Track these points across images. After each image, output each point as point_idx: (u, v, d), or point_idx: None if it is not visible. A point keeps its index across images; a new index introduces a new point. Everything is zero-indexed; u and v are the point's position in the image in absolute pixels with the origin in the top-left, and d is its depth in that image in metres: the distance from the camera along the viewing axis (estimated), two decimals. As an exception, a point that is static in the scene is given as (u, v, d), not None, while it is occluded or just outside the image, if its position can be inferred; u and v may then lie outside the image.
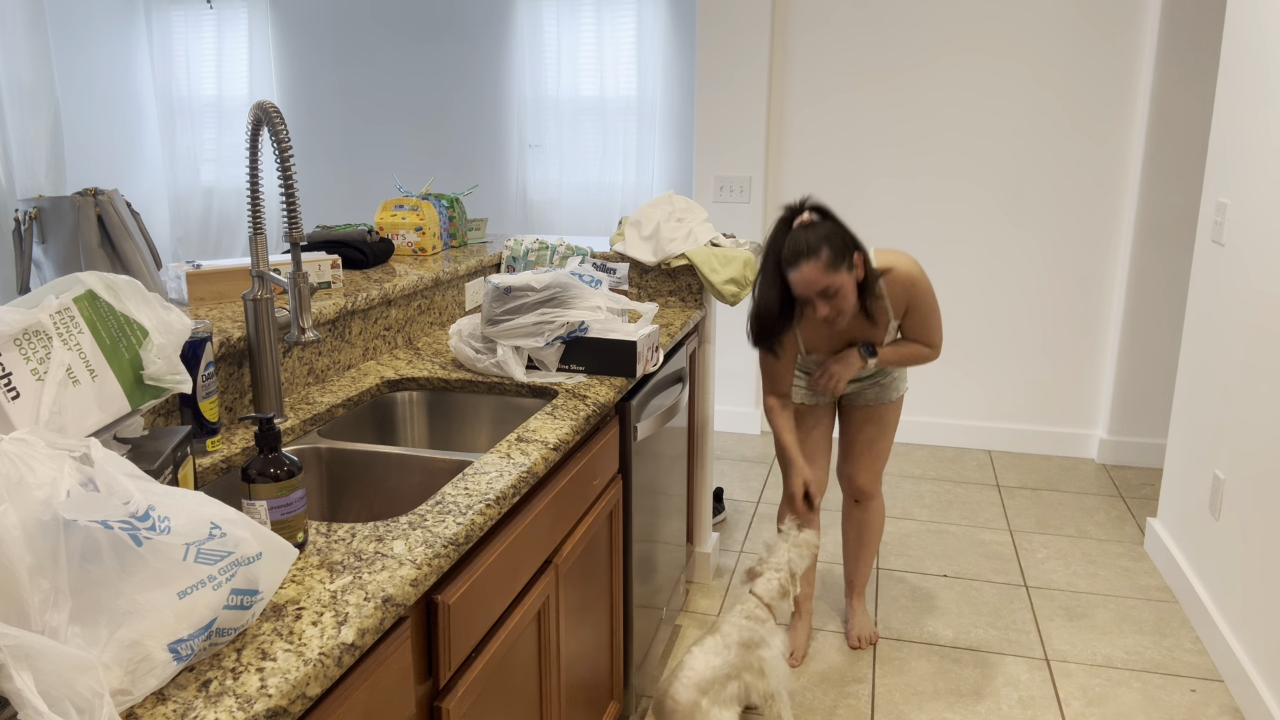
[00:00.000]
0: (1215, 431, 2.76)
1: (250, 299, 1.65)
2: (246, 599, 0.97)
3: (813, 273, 2.08)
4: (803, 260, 2.07)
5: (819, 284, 2.09)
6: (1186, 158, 3.79)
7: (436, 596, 1.25)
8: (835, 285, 2.10)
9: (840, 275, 2.09)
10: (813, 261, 2.07)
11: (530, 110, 5.14)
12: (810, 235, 2.08)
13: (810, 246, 2.07)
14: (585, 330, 2.01)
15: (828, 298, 2.12)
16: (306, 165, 5.55)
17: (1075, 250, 4.05)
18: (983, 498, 3.76)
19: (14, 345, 1.05)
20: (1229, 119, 2.82)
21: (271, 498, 1.17)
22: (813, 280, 2.09)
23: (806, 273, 2.08)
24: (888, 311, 2.30)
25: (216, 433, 1.56)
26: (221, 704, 0.89)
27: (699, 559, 3.05)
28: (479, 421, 2.05)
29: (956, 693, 2.49)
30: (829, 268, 2.08)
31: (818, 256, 2.07)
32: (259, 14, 5.41)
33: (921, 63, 4.04)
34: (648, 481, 2.27)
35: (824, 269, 2.07)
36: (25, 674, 0.76)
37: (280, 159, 1.50)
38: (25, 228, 2.21)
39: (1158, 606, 2.93)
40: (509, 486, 1.43)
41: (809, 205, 2.14)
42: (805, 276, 2.09)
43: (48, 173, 4.83)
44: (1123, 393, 4.04)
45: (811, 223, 2.10)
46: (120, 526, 0.88)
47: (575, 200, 5.18)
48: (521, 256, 2.76)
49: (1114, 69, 3.87)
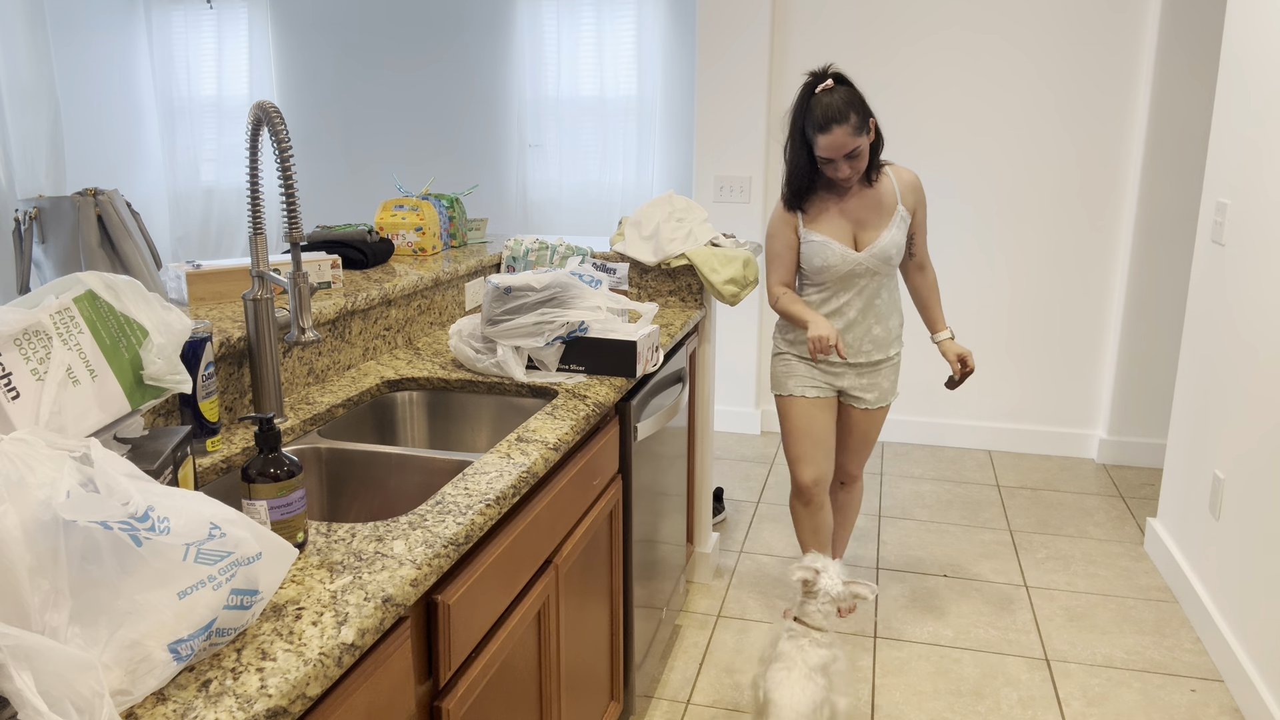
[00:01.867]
0: (1215, 431, 2.76)
1: (250, 299, 1.65)
2: (246, 599, 0.97)
3: (843, 136, 2.27)
4: (835, 125, 2.26)
5: (847, 146, 2.28)
6: (1186, 158, 3.79)
7: (436, 596, 1.25)
8: (859, 148, 2.30)
9: (863, 138, 2.30)
10: (844, 126, 2.26)
11: (530, 110, 5.13)
12: (837, 100, 2.26)
13: (840, 112, 2.26)
14: (585, 330, 2.01)
15: (851, 159, 2.32)
16: (306, 165, 5.55)
17: (1075, 250, 4.05)
18: (983, 498, 3.76)
19: (14, 345, 1.05)
20: (1229, 119, 2.82)
21: (271, 498, 1.17)
22: (842, 143, 2.28)
23: (837, 135, 2.27)
24: (895, 195, 2.46)
25: (216, 433, 1.56)
26: (221, 704, 0.89)
27: (699, 559, 3.05)
28: (479, 421, 2.04)
29: (956, 693, 2.49)
30: (855, 131, 2.27)
31: (848, 121, 2.26)
32: (259, 14, 5.41)
33: (921, 63, 4.04)
34: (648, 481, 2.27)
35: (852, 132, 2.27)
36: (25, 674, 0.76)
37: (280, 159, 1.50)
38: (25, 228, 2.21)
39: (1158, 606, 2.93)
40: (509, 486, 1.43)
41: (831, 72, 2.33)
42: (836, 140, 2.27)
43: (48, 173, 4.83)
44: (1123, 393, 4.04)
45: (834, 88, 2.29)
46: (120, 527, 0.88)
47: (575, 200, 5.18)
48: (521, 256, 2.76)
49: (1114, 69, 3.87)
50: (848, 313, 2.53)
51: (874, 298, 2.52)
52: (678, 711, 2.43)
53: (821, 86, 2.31)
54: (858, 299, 2.52)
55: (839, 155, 2.30)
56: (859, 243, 2.48)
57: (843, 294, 2.52)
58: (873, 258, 2.46)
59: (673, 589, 2.63)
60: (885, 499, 3.75)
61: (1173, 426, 3.15)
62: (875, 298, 2.53)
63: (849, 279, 2.50)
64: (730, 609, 2.91)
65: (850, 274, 2.49)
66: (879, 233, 2.47)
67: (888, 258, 2.48)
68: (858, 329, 2.55)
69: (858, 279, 2.50)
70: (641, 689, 2.31)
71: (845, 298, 2.52)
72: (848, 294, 2.52)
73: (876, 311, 2.54)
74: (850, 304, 2.53)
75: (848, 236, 2.48)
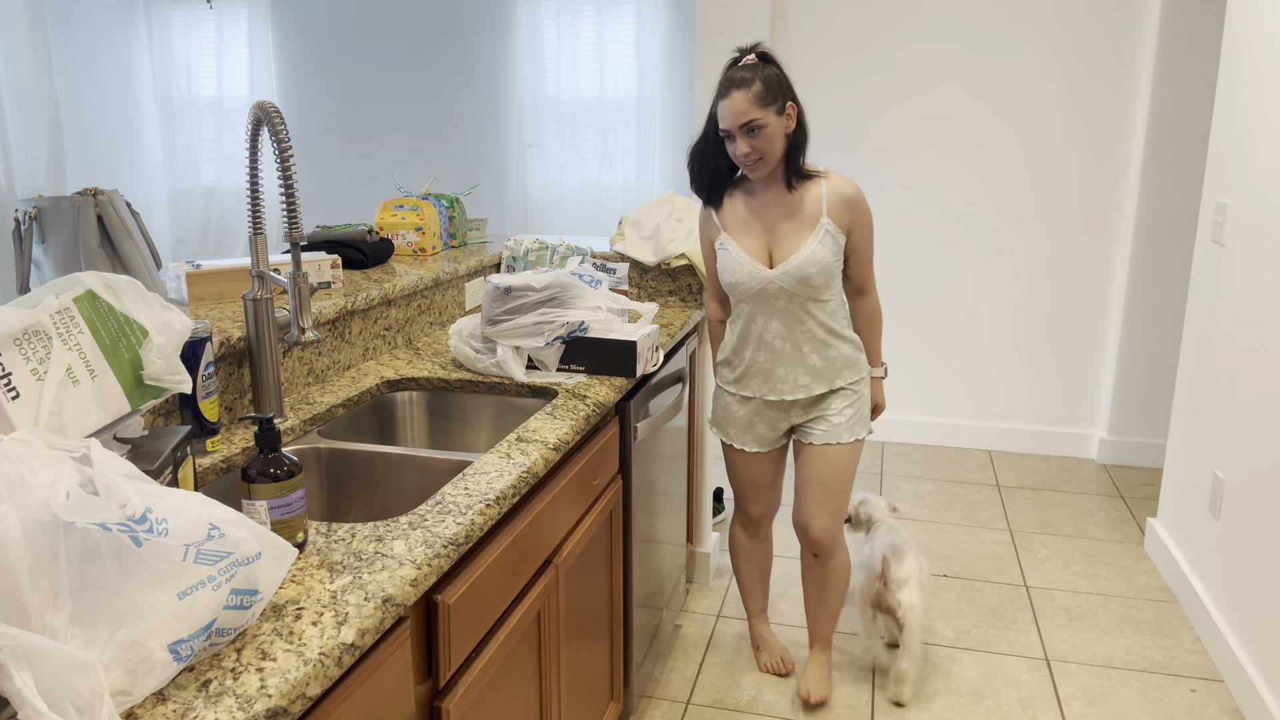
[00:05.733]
0: (1215, 431, 2.76)
1: (250, 299, 1.65)
2: (246, 599, 0.97)
3: (741, 102, 2.00)
4: (734, 88, 2.01)
5: (745, 115, 2.01)
6: (1186, 158, 3.79)
7: (436, 596, 1.25)
8: (761, 122, 2.01)
9: (768, 114, 2.02)
10: (743, 91, 2.00)
11: (530, 110, 5.13)
12: (747, 70, 2.03)
13: (745, 79, 2.01)
14: (585, 330, 2.01)
15: (750, 134, 2.03)
16: (306, 165, 5.55)
17: (1075, 250, 4.05)
18: (983, 498, 3.76)
19: (14, 345, 1.05)
20: (1229, 119, 2.82)
21: (271, 498, 1.17)
22: (740, 110, 2.01)
23: (735, 100, 2.01)
24: (820, 205, 2.13)
25: (216, 433, 1.56)
26: (221, 704, 0.89)
27: (699, 559, 3.05)
28: (479, 421, 2.04)
29: (956, 693, 2.49)
30: (758, 101, 2.00)
31: (749, 88, 2.00)
32: (259, 14, 5.41)
33: (921, 63, 4.04)
34: (648, 481, 2.27)
35: (753, 100, 2.00)
36: (25, 674, 0.76)
37: (280, 159, 1.50)
38: (25, 228, 2.21)
39: (1158, 606, 2.93)
40: (509, 486, 1.43)
41: (758, 49, 2.08)
42: (733, 105, 2.01)
43: (48, 173, 4.83)
44: (1123, 393, 4.04)
45: (755, 64, 2.05)
46: (119, 529, 0.88)
47: (575, 200, 5.18)
48: (521, 256, 2.76)
49: (1114, 69, 3.87)
50: (769, 339, 2.21)
51: (800, 322, 2.19)
52: (678, 711, 2.43)
53: (744, 61, 2.07)
54: (779, 323, 2.19)
55: (735, 126, 2.02)
56: (773, 258, 2.16)
57: (760, 316, 2.20)
58: (786, 276, 2.12)
59: (673, 589, 2.63)
60: (885, 498, 3.75)
61: (1173, 426, 3.15)
62: (803, 323, 2.19)
63: (764, 299, 2.18)
64: (730, 609, 2.91)
65: (764, 293, 2.17)
66: (796, 246, 2.13)
67: (805, 277, 2.12)
68: (786, 359, 2.22)
69: (773, 299, 2.17)
70: (641, 689, 2.31)
71: (763, 321, 2.20)
72: (766, 317, 2.20)
73: (810, 338, 2.20)
74: (770, 329, 2.20)
75: (761, 249, 2.17)
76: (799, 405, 2.27)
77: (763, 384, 2.27)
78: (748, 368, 2.27)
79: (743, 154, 2.06)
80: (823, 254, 2.12)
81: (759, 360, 2.24)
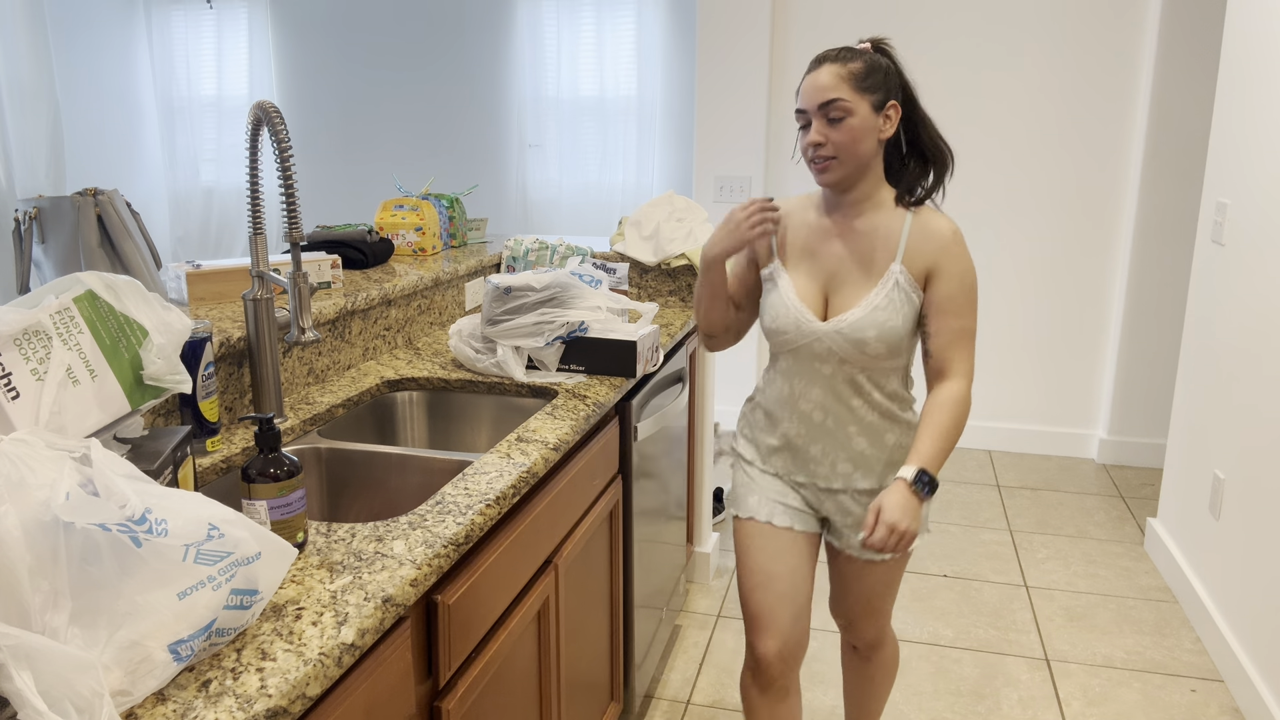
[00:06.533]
0: (1215, 431, 2.76)
1: (250, 299, 1.65)
2: (246, 599, 0.97)
3: (829, 76, 1.57)
4: (826, 61, 1.59)
5: (829, 92, 1.57)
6: (1186, 158, 3.79)
7: (436, 596, 1.25)
8: (848, 107, 1.56)
9: (860, 101, 1.57)
10: (835, 65, 1.58)
11: (530, 110, 5.13)
12: (851, 50, 1.61)
13: (843, 55, 1.60)
14: (585, 330, 2.01)
15: (830, 120, 1.57)
16: (306, 165, 5.55)
17: (1075, 250, 4.05)
18: (983, 498, 3.76)
19: (14, 345, 1.05)
20: (1229, 119, 2.82)
21: (271, 498, 1.17)
22: (824, 85, 1.57)
23: (822, 75, 1.58)
24: (896, 245, 1.62)
25: (216, 433, 1.56)
26: (221, 704, 0.89)
27: (699, 559, 3.05)
28: (479, 421, 2.04)
29: (956, 693, 2.49)
30: (852, 82, 1.57)
31: (845, 64, 1.58)
32: (259, 14, 5.41)
33: (921, 63, 4.04)
34: (648, 481, 2.27)
35: (844, 79, 1.57)
36: (25, 674, 0.76)
37: (280, 159, 1.50)
38: (25, 228, 2.21)
39: (1158, 606, 2.93)
40: (509, 486, 1.43)
41: (875, 40, 1.66)
42: (818, 80, 1.58)
43: (48, 173, 4.83)
44: (1123, 393, 4.04)
45: (865, 49, 1.63)
46: (119, 529, 0.88)
47: (575, 200, 5.18)
48: (521, 256, 2.76)
49: (1114, 70, 3.87)
50: (805, 409, 1.70)
51: (850, 396, 1.67)
52: (678, 711, 2.43)
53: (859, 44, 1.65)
54: (821, 392, 1.68)
55: (814, 105, 1.58)
56: (829, 306, 1.66)
57: (799, 379, 1.69)
58: (839, 335, 1.61)
59: (673, 589, 2.63)
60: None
61: (1173, 426, 3.15)
62: (853, 396, 1.67)
63: (806, 359, 1.67)
64: (730, 609, 2.91)
65: (807, 351, 1.66)
66: (857, 297, 1.62)
67: (860, 342, 1.61)
68: (825, 437, 1.70)
69: (818, 362, 1.66)
70: (641, 689, 2.31)
71: (802, 385, 1.69)
72: (805, 381, 1.69)
73: (858, 417, 1.68)
74: (808, 395, 1.69)
75: (815, 293, 1.66)
76: (837, 498, 1.75)
77: (790, 462, 1.75)
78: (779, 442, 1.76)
79: (811, 141, 1.60)
80: (887, 314, 1.60)
81: (789, 432, 1.74)
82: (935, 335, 1.62)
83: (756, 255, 1.76)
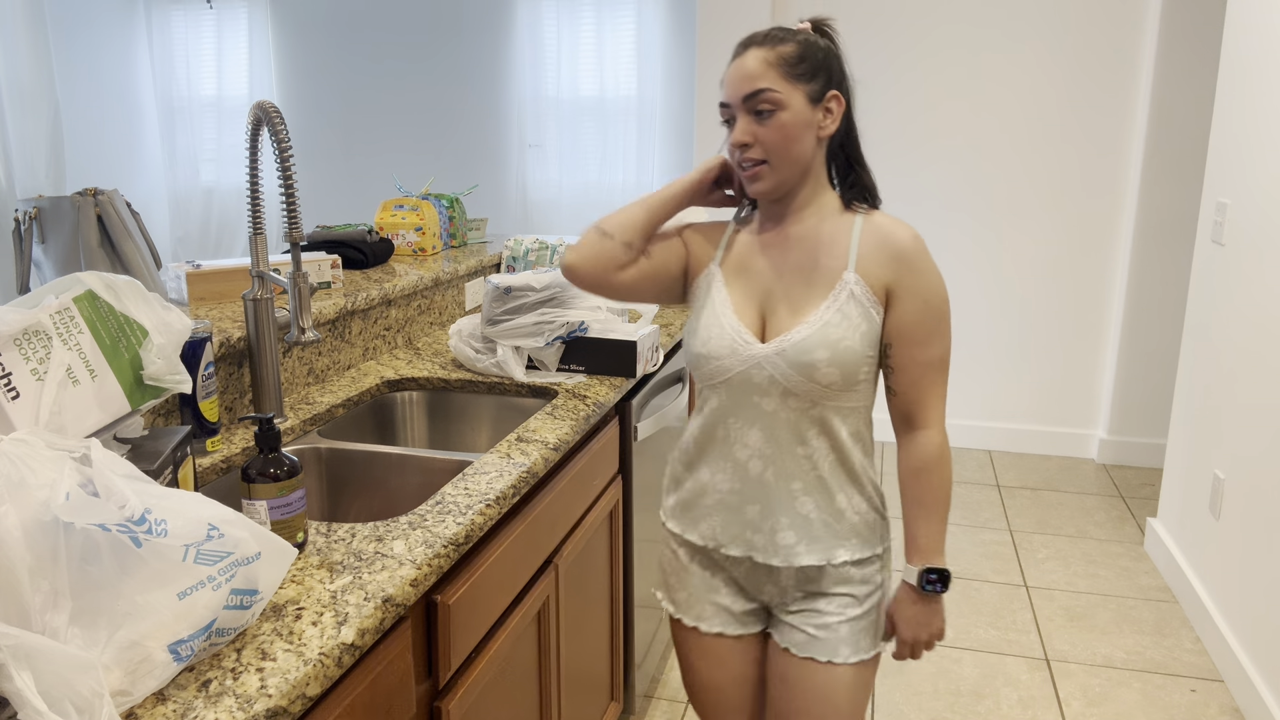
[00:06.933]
0: (1215, 431, 2.76)
1: (250, 299, 1.65)
2: (246, 599, 0.97)
3: (755, 63, 1.29)
4: (753, 45, 1.31)
5: (755, 81, 1.28)
6: (1186, 158, 3.79)
7: (436, 596, 1.25)
8: (777, 99, 1.27)
9: (793, 91, 1.28)
10: (763, 49, 1.29)
11: (530, 110, 5.13)
12: (784, 30, 1.33)
13: (774, 36, 1.31)
14: (585, 330, 2.01)
15: (758, 115, 1.29)
16: (306, 165, 5.55)
17: (1075, 250, 4.05)
18: (983, 498, 3.75)
19: (14, 345, 1.05)
20: (1229, 119, 2.82)
21: (271, 498, 1.17)
22: (750, 73, 1.28)
23: (747, 61, 1.29)
24: (847, 253, 1.33)
25: (216, 433, 1.56)
26: (221, 704, 0.89)
27: (699, 559, 3.05)
28: (479, 421, 2.04)
29: (956, 693, 2.49)
30: (782, 68, 1.28)
31: (774, 47, 1.29)
32: (259, 14, 5.41)
33: (921, 63, 4.04)
34: (648, 481, 2.27)
35: (773, 65, 1.28)
36: (25, 674, 0.76)
37: (280, 159, 1.50)
38: (25, 228, 2.21)
39: (1158, 606, 2.93)
40: (509, 486, 1.43)
41: (816, 20, 1.38)
42: (743, 67, 1.29)
43: (48, 173, 4.83)
44: (1123, 393, 4.04)
45: (802, 29, 1.35)
46: (118, 529, 0.88)
47: (575, 200, 5.18)
48: (521, 256, 2.76)
49: (1114, 69, 3.87)
50: (742, 456, 1.36)
51: (795, 442, 1.34)
52: (678, 711, 2.43)
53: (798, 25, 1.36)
54: (761, 435, 1.34)
55: (737, 98, 1.30)
56: (767, 328, 1.35)
57: (735, 419, 1.36)
58: (782, 359, 1.30)
59: (673, 589, 2.63)
60: (886, 499, 3.75)
61: (1173, 426, 3.15)
62: (799, 442, 1.34)
63: (744, 392, 1.34)
64: (730, 609, 2.91)
65: (745, 383, 1.33)
66: (802, 314, 1.32)
67: (807, 366, 1.29)
68: (763, 494, 1.36)
69: (758, 396, 1.33)
70: (641, 689, 2.31)
71: (738, 427, 1.36)
72: (743, 421, 1.35)
73: (809, 468, 1.34)
74: (745, 440, 1.36)
75: (752, 314, 1.36)
76: (777, 578, 1.39)
77: (720, 528, 1.40)
78: (700, 494, 1.41)
79: (737, 143, 1.31)
80: (842, 331, 1.29)
81: (719, 487, 1.39)
82: (900, 369, 1.33)
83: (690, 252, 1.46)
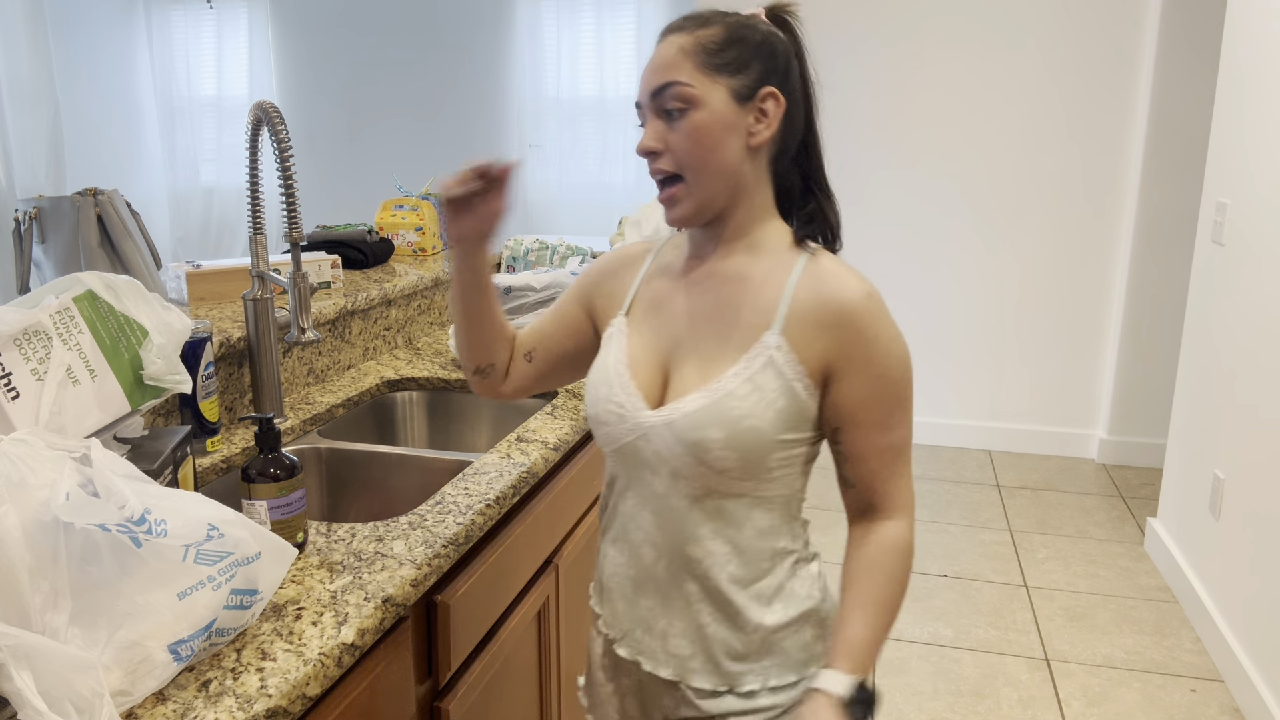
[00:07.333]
0: (1215, 431, 2.76)
1: (250, 299, 1.65)
2: (246, 599, 0.97)
3: (670, 51, 1.03)
4: (671, 31, 1.05)
5: (664, 73, 1.02)
6: (1186, 158, 3.79)
7: (436, 596, 1.25)
8: (689, 94, 1.01)
9: (710, 87, 1.01)
10: (680, 35, 1.03)
11: (530, 110, 5.14)
12: (712, 15, 1.05)
13: (696, 18, 1.05)
14: (585, 330, 2.01)
15: (666, 114, 1.03)
16: (306, 165, 5.55)
17: (1075, 250, 4.05)
18: (983, 498, 3.76)
19: (14, 345, 1.05)
20: (1229, 119, 2.82)
21: (271, 498, 1.17)
22: (660, 63, 1.03)
23: (662, 49, 1.04)
24: (776, 305, 1.03)
25: (216, 433, 1.56)
26: (221, 704, 0.89)
27: (699, 559, 3.05)
28: (479, 421, 2.04)
29: (956, 693, 2.49)
30: (699, 57, 1.02)
31: (693, 32, 1.03)
32: (259, 14, 5.41)
33: (920, 62, 4.04)
34: (648, 481, 2.27)
35: (688, 54, 1.02)
36: (25, 674, 0.76)
37: (280, 159, 1.50)
38: (25, 228, 2.21)
39: (1158, 606, 2.93)
40: (509, 486, 1.43)
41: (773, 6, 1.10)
42: (655, 57, 1.04)
43: (48, 173, 4.83)
44: (1123, 393, 4.04)
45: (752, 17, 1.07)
46: (118, 529, 0.88)
47: (575, 200, 5.18)
48: (521, 256, 2.76)
49: (1114, 69, 3.87)
50: (637, 539, 1.11)
51: (688, 538, 1.06)
52: (678, 711, 2.43)
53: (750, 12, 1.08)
54: (653, 519, 1.08)
55: (646, 94, 1.04)
56: (668, 389, 1.08)
57: (629, 495, 1.11)
58: (669, 431, 1.03)
59: (673, 589, 2.63)
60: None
61: (1173, 426, 3.15)
62: (692, 541, 1.06)
63: (633, 465, 1.09)
64: (730, 609, 2.91)
65: (633, 455, 1.09)
66: (708, 377, 1.04)
67: (700, 446, 1.01)
68: (655, 589, 1.10)
69: (648, 473, 1.08)
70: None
71: (632, 505, 1.11)
72: (636, 499, 1.10)
73: (702, 573, 1.06)
74: (639, 521, 1.10)
75: (653, 368, 1.10)
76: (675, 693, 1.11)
77: (614, 618, 1.15)
78: (607, 570, 1.16)
79: (643, 148, 1.05)
80: (746, 407, 1.01)
81: (619, 570, 1.14)
82: (857, 459, 1.05)
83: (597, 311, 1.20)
